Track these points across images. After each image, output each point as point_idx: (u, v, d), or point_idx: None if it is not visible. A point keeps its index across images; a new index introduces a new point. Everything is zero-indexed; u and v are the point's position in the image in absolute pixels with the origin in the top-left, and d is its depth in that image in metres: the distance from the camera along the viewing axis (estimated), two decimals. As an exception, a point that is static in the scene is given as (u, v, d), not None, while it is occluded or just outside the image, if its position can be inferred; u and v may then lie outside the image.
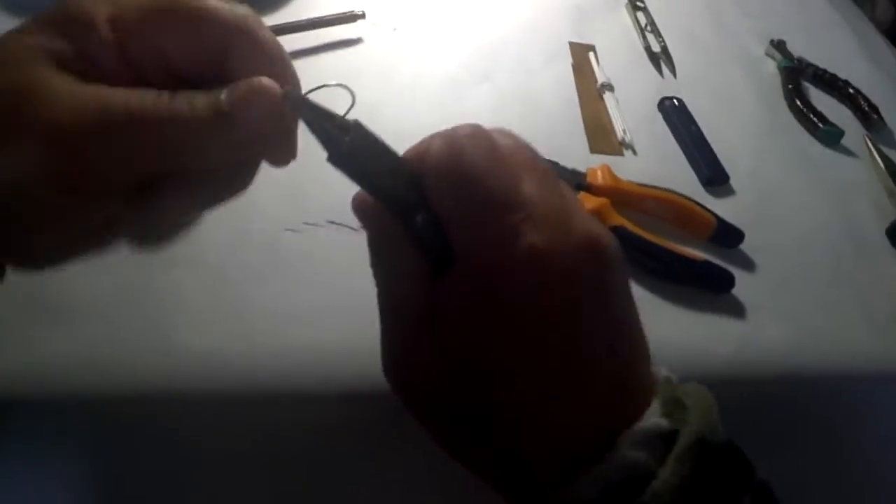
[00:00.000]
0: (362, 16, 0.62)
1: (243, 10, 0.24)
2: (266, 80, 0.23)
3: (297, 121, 0.26)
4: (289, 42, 0.59)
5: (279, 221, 0.45)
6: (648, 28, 0.69)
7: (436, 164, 0.25)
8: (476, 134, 0.26)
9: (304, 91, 0.25)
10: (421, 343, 0.25)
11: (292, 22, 0.59)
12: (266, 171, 0.28)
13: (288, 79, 0.25)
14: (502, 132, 0.27)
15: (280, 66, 0.25)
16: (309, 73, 0.60)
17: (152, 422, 0.35)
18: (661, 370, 0.28)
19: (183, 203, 0.25)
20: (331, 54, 0.61)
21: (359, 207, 0.27)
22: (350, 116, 0.26)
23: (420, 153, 0.26)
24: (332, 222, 0.45)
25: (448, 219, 0.25)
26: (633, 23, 0.70)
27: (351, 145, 0.25)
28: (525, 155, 0.26)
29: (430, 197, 0.25)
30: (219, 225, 0.44)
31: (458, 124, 0.26)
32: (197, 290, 0.40)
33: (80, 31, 0.22)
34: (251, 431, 0.36)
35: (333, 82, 0.26)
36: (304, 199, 0.45)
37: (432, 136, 0.26)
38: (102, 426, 0.35)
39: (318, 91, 0.26)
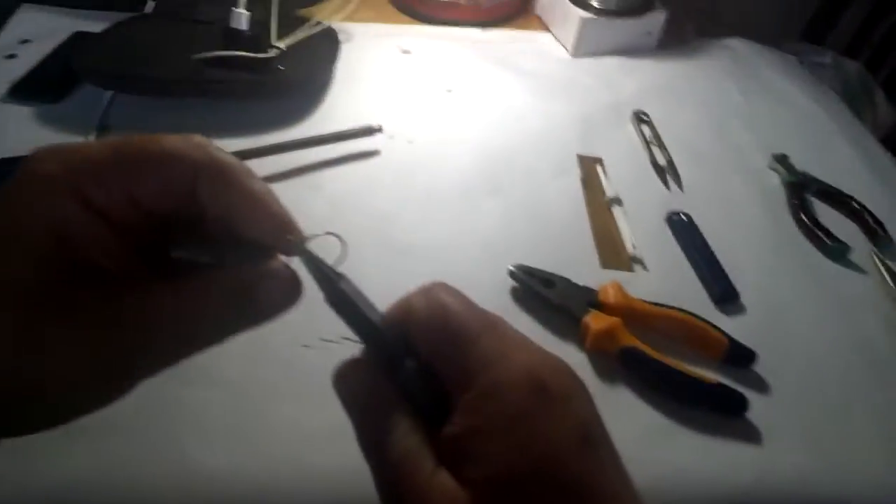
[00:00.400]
0: (379, 129, 0.65)
1: (206, 149, 0.25)
2: (286, 272, 0.26)
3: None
4: (311, 154, 0.62)
5: (296, 337, 0.46)
6: (654, 142, 0.71)
7: (422, 316, 0.27)
8: (449, 288, 0.28)
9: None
10: (442, 490, 0.24)
11: (314, 136, 0.62)
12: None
13: (260, 187, 0.26)
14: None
15: (246, 175, 0.26)
16: (329, 184, 0.62)
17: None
18: None
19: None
20: (350, 165, 0.63)
21: (341, 378, 0.28)
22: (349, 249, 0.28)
23: (403, 309, 0.28)
24: (347, 339, 0.45)
25: (439, 359, 0.27)
26: (639, 136, 0.73)
27: (346, 289, 0.27)
28: (486, 310, 0.28)
29: (419, 343, 0.27)
30: (236, 341, 0.44)
31: (432, 282, 0.28)
32: (214, 407, 0.41)
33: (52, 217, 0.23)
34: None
35: (322, 232, 0.28)
36: (319, 315, 0.46)
37: (412, 294, 0.28)
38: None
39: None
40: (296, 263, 0.27)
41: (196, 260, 0.26)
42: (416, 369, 0.27)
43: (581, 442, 0.25)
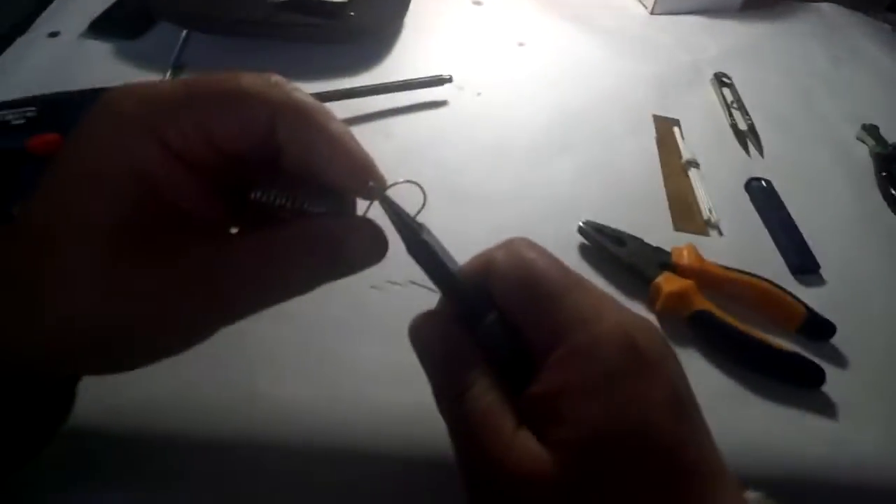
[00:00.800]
0: (449, 80, 0.64)
1: (285, 88, 0.24)
2: (373, 227, 0.26)
3: None
4: (380, 101, 0.61)
5: (365, 279, 0.46)
6: (735, 105, 0.68)
7: (504, 270, 0.27)
8: (531, 243, 0.28)
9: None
10: (525, 450, 0.24)
11: (384, 83, 0.61)
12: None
13: (341, 129, 0.25)
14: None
15: (328, 117, 0.25)
16: (398, 131, 0.62)
17: (230, 466, 0.35)
18: (749, 495, 0.26)
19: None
20: (419, 114, 0.62)
21: (418, 331, 0.28)
22: (422, 212, 0.28)
23: (484, 263, 0.27)
24: (414, 283, 0.45)
25: (523, 316, 0.26)
26: (719, 99, 0.70)
27: (427, 238, 0.27)
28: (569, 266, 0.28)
29: (500, 299, 0.27)
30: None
31: (513, 237, 0.28)
32: (283, 341, 0.41)
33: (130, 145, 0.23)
34: (327, 485, 0.36)
35: (402, 180, 0.27)
36: (389, 258, 0.46)
37: (492, 249, 0.28)
38: (184, 466, 0.35)
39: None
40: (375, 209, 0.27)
41: (273, 203, 0.25)
42: (497, 324, 0.26)
43: (674, 407, 0.24)
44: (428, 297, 0.30)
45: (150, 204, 0.23)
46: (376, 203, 0.27)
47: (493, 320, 0.26)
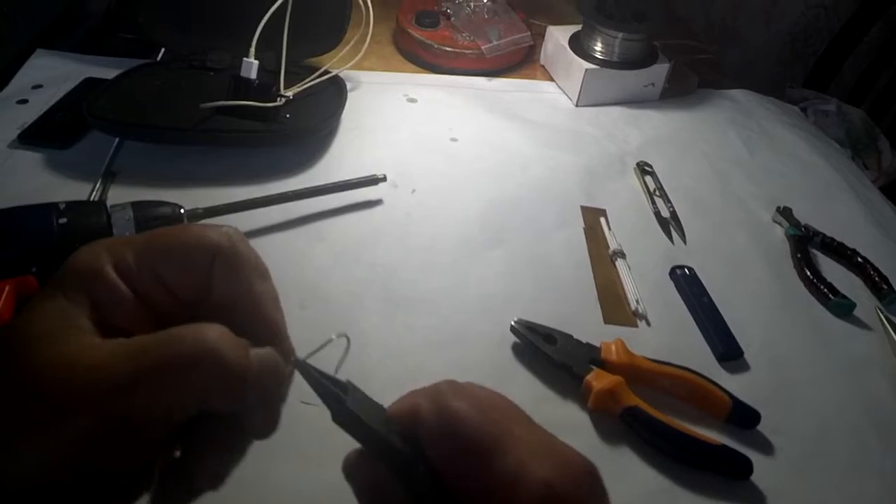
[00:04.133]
0: (384, 179, 0.66)
1: (224, 230, 0.28)
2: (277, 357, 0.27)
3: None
4: (315, 203, 0.62)
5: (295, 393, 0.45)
6: (657, 193, 0.72)
7: (431, 423, 0.27)
8: (458, 389, 0.28)
9: (308, 349, 0.28)
10: None
11: (319, 186, 0.62)
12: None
13: (265, 290, 0.28)
14: (475, 385, 0.28)
15: (257, 274, 0.28)
16: (332, 234, 0.62)
17: None
18: None
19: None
20: (353, 215, 0.64)
21: (352, 472, 0.28)
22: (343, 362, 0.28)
23: (410, 410, 0.28)
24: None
25: (454, 474, 0.26)
26: (642, 187, 0.73)
27: (352, 405, 0.26)
28: (502, 401, 0.28)
29: (427, 449, 0.27)
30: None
31: (439, 382, 0.28)
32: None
33: (94, 285, 0.25)
34: None
35: (334, 335, 0.28)
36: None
37: (417, 396, 0.28)
38: None
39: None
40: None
41: None
42: (426, 475, 0.27)
43: None
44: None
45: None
46: None
47: (422, 472, 0.27)
